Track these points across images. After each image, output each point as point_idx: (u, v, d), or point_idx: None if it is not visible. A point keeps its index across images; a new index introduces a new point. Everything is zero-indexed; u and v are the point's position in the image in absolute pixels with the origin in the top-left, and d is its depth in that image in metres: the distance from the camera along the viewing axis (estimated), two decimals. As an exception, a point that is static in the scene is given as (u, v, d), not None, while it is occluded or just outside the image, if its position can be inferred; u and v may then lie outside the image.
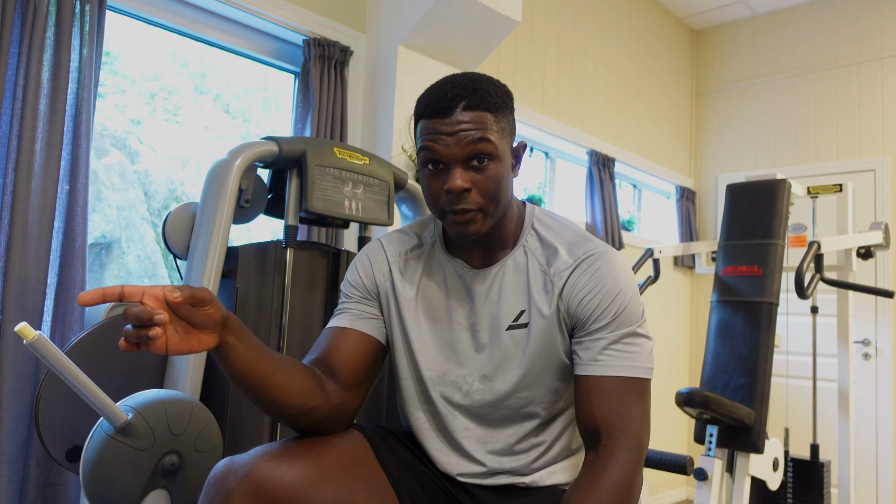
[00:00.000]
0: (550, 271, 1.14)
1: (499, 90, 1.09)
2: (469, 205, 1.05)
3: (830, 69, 4.11)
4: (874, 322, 3.83)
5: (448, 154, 1.04)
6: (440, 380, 1.19)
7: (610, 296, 1.10)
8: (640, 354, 1.09)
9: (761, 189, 2.48)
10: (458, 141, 1.04)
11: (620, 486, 1.01)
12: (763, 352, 2.25)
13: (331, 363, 1.14)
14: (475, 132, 1.04)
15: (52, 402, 1.53)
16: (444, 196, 1.06)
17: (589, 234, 1.18)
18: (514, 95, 3.24)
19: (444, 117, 1.04)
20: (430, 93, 1.08)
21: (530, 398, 1.16)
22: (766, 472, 2.26)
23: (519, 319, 1.14)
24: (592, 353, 1.09)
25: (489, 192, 1.06)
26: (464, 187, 1.04)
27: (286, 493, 0.99)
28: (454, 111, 1.04)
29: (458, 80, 1.08)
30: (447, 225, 1.10)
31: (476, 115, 1.04)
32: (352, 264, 1.26)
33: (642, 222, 4.35)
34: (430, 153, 1.06)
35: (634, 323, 1.10)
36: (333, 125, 2.46)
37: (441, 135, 1.04)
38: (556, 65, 3.53)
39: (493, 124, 1.06)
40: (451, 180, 1.04)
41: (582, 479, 1.04)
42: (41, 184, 1.75)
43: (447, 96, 1.05)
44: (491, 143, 1.05)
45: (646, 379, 1.10)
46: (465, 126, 1.04)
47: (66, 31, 1.80)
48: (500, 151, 1.07)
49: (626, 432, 1.05)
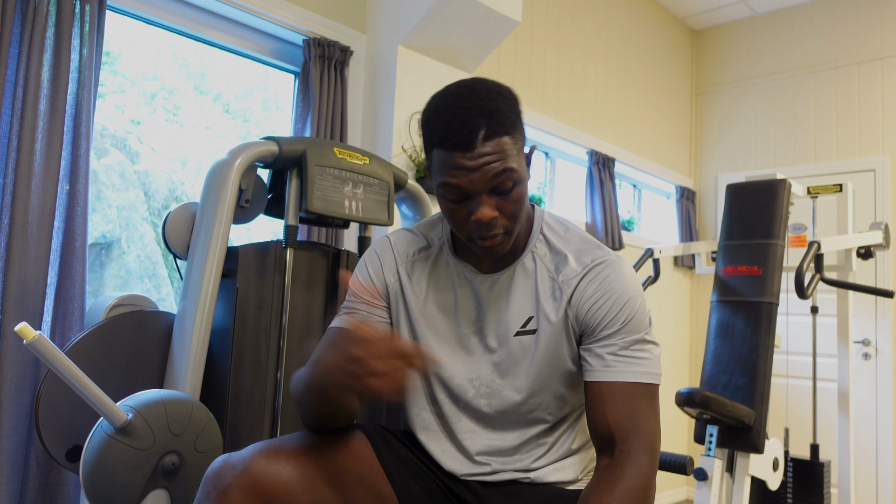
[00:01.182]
0: (559, 278, 1.14)
1: (510, 104, 1.04)
2: (497, 230, 1.05)
3: (830, 69, 4.11)
4: (874, 322, 3.83)
5: (473, 188, 1.02)
6: (448, 382, 1.19)
7: (619, 303, 1.10)
8: (650, 360, 1.11)
9: (761, 189, 2.48)
10: (484, 175, 1.00)
11: (638, 489, 1.02)
12: (763, 352, 2.24)
13: None
14: (498, 163, 1.00)
15: (52, 402, 1.53)
16: (472, 224, 1.05)
17: (597, 241, 1.18)
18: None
19: (465, 151, 1.00)
20: (442, 118, 1.02)
21: (537, 404, 1.16)
22: (766, 472, 2.26)
23: (527, 326, 1.15)
24: (603, 360, 1.10)
25: (514, 215, 1.05)
26: (492, 217, 1.03)
27: (283, 489, 0.99)
28: (475, 144, 0.99)
29: (470, 101, 1.01)
30: (475, 248, 1.09)
31: (496, 143, 1.00)
32: (361, 261, 1.26)
33: (642, 222, 4.35)
34: (453, 189, 1.03)
35: (643, 330, 1.11)
36: (333, 125, 2.46)
37: (464, 170, 1.01)
38: (556, 65, 3.53)
39: (513, 147, 1.03)
40: (479, 211, 1.02)
41: (599, 482, 1.04)
42: (41, 184, 1.75)
43: (465, 127, 0.99)
44: (515, 171, 1.02)
45: (655, 384, 1.11)
46: (488, 158, 1.00)
47: (66, 31, 1.80)
48: (522, 174, 1.05)
49: (640, 437, 1.06)
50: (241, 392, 1.72)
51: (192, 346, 1.62)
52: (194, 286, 1.65)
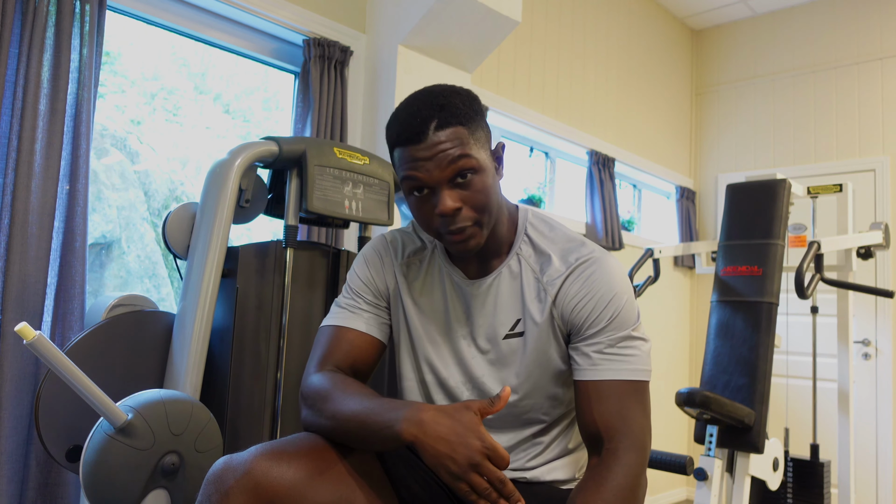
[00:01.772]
0: (543, 279, 1.14)
1: (465, 100, 1.07)
2: (464, 222, 1.05)
3: (830, 69, 4.11)
4: (874, 322, 3.83)
5: (431, 179, 1.03)
6: (444, 384, 1.20)
7: (604, 301, 1.09)
8: (638, 357, 1.10)
9: (761, 189, 2.48)
10: (439, 164, 1.02)
11: (626, 488, 1.02)
12: (763, 352, 2.24)
13: (351, 366, 1.16)
14: (454, 150, 1.02)
15: (52, 402, 1.53)
16: (437, 219, 1.06)
17: (582, 239, 1.17)
18: (507, 95, 3.27)
19: (418, 143, 1.03)
20: (397, 119, 1.06)
21: (530, 405, 1.17)
22: (766, 472, 2.26)
23: (515, 328, 1.15)
24: (590, 359, 1.10)
25: (480, 205, 1.05)
26: (455, 207, 1.03)
27: (285, 491, 0.99)
28: (427, 134, 1.02)
29: (422, 99, 1.06)
30: (446, 244, 1.09)
31: (450, 132, 1.02)
32: (359, 260, 1.25)
33: (642, 222, 4.35)
34: (413, 182, 1.05)
35: (630, 326, 1.10)
36: (333, 125, 2.46)
37: (420, 161, 1.03)
38: (556, 65, 3.53)
39: (469, 137, 1.04)
40: (441, 204, 1.03)
41: (587, 481, 1.04)
42: (41, 184, 1.75)
43: (416, 120, 1.03)
44: (471, 157, 1.03)
45: (644, 381, 1.10)
46: (442, 146, 1.02)
47: (66, 31, 1.80)
48: (482, 162, 1.05)
49: (629, 435, 1.05)
50: (241, 392, 1.72)
51: (192, 346, 1.62)
52: (194, 286, 1.65)
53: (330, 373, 1.12)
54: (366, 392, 1.05)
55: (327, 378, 1.10)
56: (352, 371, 1.16)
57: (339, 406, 1.04)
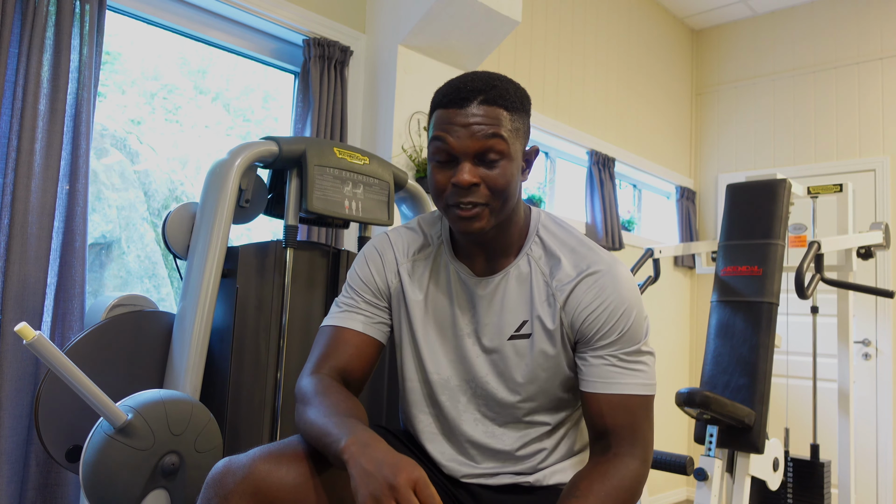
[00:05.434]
0: (553, 283, 1.13)
1: (518, 91, 1.08)
2: (477, 198, 1.04)
3: (830, 69, 4.11)
4: (874, 322, 3.83)
5: (459, 146, 1.03)
6: (446, 384, 1.19)
7: (615, 314, 1.09)
8: (646, 372, 1.10)
9: (761, 189, 2.48)
10: (472, 134, 1.02)
11: (626, 489, 1.04)
12: (763, 352, 2.24)
13: (348, 369, 1.15)
14: (489, 127, 1.02)
15: (52, 402, 1.53)
16: (451, 189, 1.05)
17: (594, 245, 1.16)
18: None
19: (459, 107, 1.03)
20: (449, 84, 1.07)
21: (534, 407, 1.16)
22: (766, 472, 2.26)
23: (521, 330, 1.14)
24: (598, 371, 1.10)
25: (498, 189, 1.04)
26: (472, 182, 1.03)
27: (285, 494, 0.98)
28: (471, 103, 1.03)
29: (478, 75, 1.07)
30: (451, 220, 1.08)
31: (492, 110, 1.03)
32: (360, 258, 1.24)
33: (642, 222, 4.35)
34: (441, 144, 1.05)
35: (640, 341, 1.10)
36: (333, 125, 2.46)
37: (455, 125, 1.03)
38: (556, 65, 3.53)
39: (508, 122, 1.04)
40: (459, 174, 1.03)
41: (591, 471, 1.06)
42: (41, 184, 1.75)
43: (466, 88, 1.04)
44: (504, 140, 1.03)
45: (652, 395, 1.11)
46: (480, 119, 1.03)
47: (66, 31, 1.80)
48: (512, 151, 1.05)
49: (636, 446, 1.08)
50: (241, 392, 1.72)
51: (192, 346, 1.62)
52: (194, 286, 1.65)
53: (319, 378, 1.10)
54: (339, 405, 1.02)
55: (313, 383, 1.09)
56: (348, 372, 1.15)
57: (311, 415, 1.02)
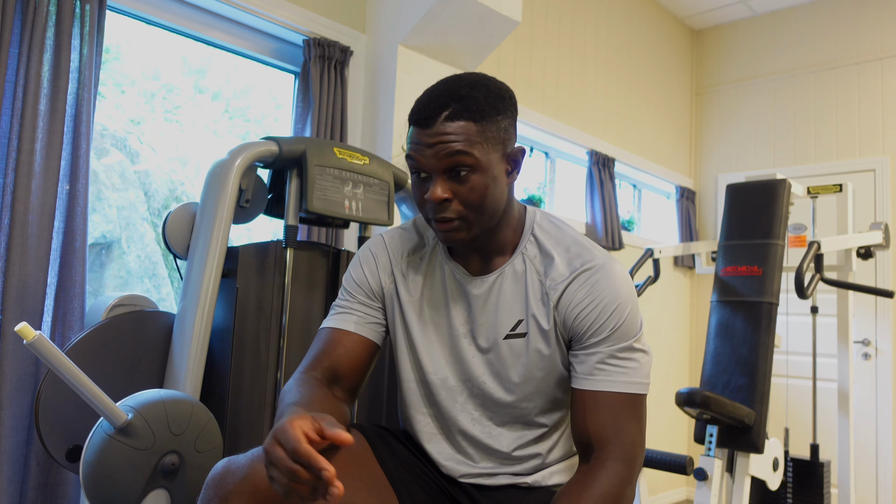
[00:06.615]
0: (547, 282, 1.13)
1: (490, 95, 1.05)
2: (450, 214, 1.05)
3: (830, 69, 4.11)
4: (874, 322, 3.83)
5: (427, 165, 1.04)
6: (443, 384, 1.19)
7: (607, 310, 1.08)
8: (637, 370, 1.08)
9: (761, 189, 2.48)
10: (437, 153, 1.03)
11: (608, 497, 1.00)
12: (763, 352, 2.24)
13: (338, 369, 1.15)
14: (455, 144, 1.02)
15: (52, 402, 1.53)
16: (427, 203, 1.07)
17: (589, 243, 1.15)
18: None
19: (425, 127, 1.03)
20: (418, 101, 1.07)
21: (530, 407, 1.16)
22: (766, 472, 2.26)
23: (516, 329, 1.14)
24: (588, 368, 1.09)
25: (470, 203, 1.05)
26: (442, 198, 1.04)
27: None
28: (435, 122, 1.03)
29: (447, 85, 1.06)
30: (434, 231, 1.10)
31: (458, 126, 1.02)
32: (355, 260, 1.25)
33: (642, 222, 4.35)
34: (413, 162, 1.06)
35: (632, 337, 1.09)
36: (333, 125, 2.46)
37: (421, 145, 1.04)
38: (556, 65, 3.53)
39: (477, 135, 1.03)
40: (431, 190, 1.04)
41: (570, 486, 1.04)
42: (41, 184, 1.75)
43: (430, 106, 1.03)
44: (470, 155, 1.02)
45: (642, 394, 1.09)
46: (445, 138, 1.02)
47: (66, 31, 1.80)
48: (484, 163, 1.04)
49: (619, 446, 1.04)
50: (241, 392, 1.72)
51: (192, 346, 1.62)
52: (194, 286, 1.65)
53: (302, 377, 1.11)
54: (298, 401, 1.01)
55: (294, 382, 1.09)
56: (338, 372, 1.15)
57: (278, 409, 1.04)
